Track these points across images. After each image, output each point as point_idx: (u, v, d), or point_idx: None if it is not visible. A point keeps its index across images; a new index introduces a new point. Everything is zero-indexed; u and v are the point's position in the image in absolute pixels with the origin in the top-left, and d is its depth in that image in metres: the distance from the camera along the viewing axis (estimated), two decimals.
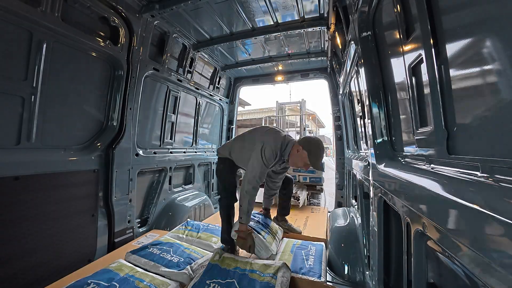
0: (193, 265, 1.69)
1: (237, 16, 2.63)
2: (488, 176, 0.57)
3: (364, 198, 1.96)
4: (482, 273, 0.49)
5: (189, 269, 1.64)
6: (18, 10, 1.50)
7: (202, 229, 2.33)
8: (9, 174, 1.55)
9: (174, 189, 3.18)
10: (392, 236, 1.32)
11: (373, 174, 1.45)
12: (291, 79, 4.39)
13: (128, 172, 2.37)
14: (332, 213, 2.78)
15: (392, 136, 1.40)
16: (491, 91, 0.59)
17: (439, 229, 0.66)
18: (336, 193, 3.86)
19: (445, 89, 0.78)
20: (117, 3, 2.11)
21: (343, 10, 1.98)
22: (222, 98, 4.32)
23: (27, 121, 1.66)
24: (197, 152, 3.74)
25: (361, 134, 2.37)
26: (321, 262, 1.82)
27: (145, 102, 2.64)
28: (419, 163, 1.02)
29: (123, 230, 2.33)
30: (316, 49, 3.47)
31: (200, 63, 3.54)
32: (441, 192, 0.66)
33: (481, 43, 0.60)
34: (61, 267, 1.78)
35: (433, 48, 0.80)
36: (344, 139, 3.72)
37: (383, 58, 1.44)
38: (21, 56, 1.60)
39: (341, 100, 3.50)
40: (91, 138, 2.14)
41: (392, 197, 1.09)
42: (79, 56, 1.96)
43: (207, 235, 2.22)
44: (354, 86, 2.25)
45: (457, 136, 0.75)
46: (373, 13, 1.44)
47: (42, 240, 1.73)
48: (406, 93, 1.10)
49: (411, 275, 0.91)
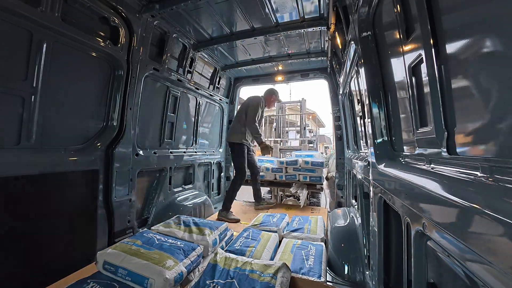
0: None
1: (237, 16, 2.63)
2: (488, 176, 0.57)
3: (364, 198, 1.96)
4: (482, 273, 0.49)
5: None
6: (18, 10, 1.50)
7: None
8: (9, 174, 1.55)
9: (174, 189, 3.18)
10: (392, 236, 1.32)
11: (373, 174, 1.45)
12: (291, 79, 4.39)
13: (128, 172, 2.37)
14: (332, 213, 2.78)
15: (392, 136, 1.40)
16: (491, 91, 0.59)
17: (439, 229, 0.66)
18: (336, 193, 3.86)
19: (445, 89, 0.78)
20: (117, 3, 2.11)
21: (343, 10, 1.98)
22: (222, 98, 4.32)
23: (27, 121, 1.66)
24: (197, 152, 3.74)
25: (361, 134, 2.37)
26: (321, 262, 1.82)
27: (145, 102, 2.64)
28: (419, 163, 1.02)
29: (123, 230, 2.33)
30: (316, 49, 3.47)
31: (200, 63, 3.54)
32: (441, 192, 0.66)
33: (481, 43, 0.60)
34: (61, 267, 1.77)
35: (433, 48, 0.80)
36: (344, 139, 3.72)
37: (383, 58, 1.44)
38: (21, 56, 1.60)
39: (341, 100, 3.50)
40: (91, 138, 2.14)
41: (392, 197, 1.09)
42: (79, 56, 1.96)
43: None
44: (354, 86, 2.25)
45: (457, 136, 0.75)
46: (373, 13, 1.44)
47: (42, 240, 1.73)
48: (406, 93, 1.10)
49: (411, 275, 0.91)
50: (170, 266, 1.48)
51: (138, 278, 1.42)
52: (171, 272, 1.44)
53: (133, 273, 1.44)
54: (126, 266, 1.47)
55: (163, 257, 1.55)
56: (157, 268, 1.43)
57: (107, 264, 1.54)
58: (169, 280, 1.39)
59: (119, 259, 1.52)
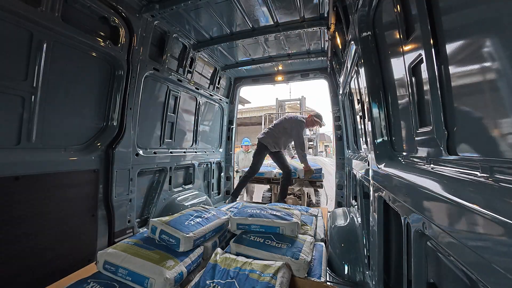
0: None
1: (237, 16, 2.63)
2: (488, 176, 0.57)
3: (364, 198, 1.96)
4: (482, 273, 0.49)
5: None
6: (18, 10, 1.50)
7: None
8: (9, 174, 1.55)
9: (174, 189, 3.18)
10: (392, 236, 1.32)
11: (373, 174, 1.45)
12: (291, 79, 4.39)
13: (128, 172, 2.37)
14: (332, 213, 2.78)
15: (392, 136, 1.40)
16: (491, 91, 0.59)
17: (439, 229, 0.66)
18: (336, 193, 3.87)
19: (445, 89, 0.78)
20: (117, 3, 2.11)
21: (343, 10, 1.98)
22: (222, 98, 4.32)
23: (27, 121, 1.66)
24: (197, 152, 3.74)
25: (361, 134, 2.37)
26: (321, 262, 1.82)
27: (145, 102, 2.64)
28: (419, 163, 1.02)
29: (123, 230, 2.33)
30: (316, 49, 3.47)
31: (200, 63, 3.54)
32: (441, 192, 0.66)
33: (481, 43, 0.60)
34: (61, 267, 1.78)
35: (433, 48, 0.80)
36: (344, 139, 3.72)
37: (383, 58, 1.44)
38: (21, 56, 1.60)
39: (341, 100, 3.50)
40: (91, 138, 2.14)
41: (392, 197, 1.09)
42: (79, 56, 1.96)
43: None
44: (354, 86, 2.25)
45: (457, 136, 0.75)
46: (373, 13, 1.44)
47: (42, 240, 1.73)
48: (406, 93, 1.10)
49: (411, 275, 0.91)
50: (171, 266, 1.48)
51: (138, 278, 1.42)
52: (171, 272, 1.44)
53: (133, 273, 1.44)
54: (127, 266, 1.47)
55: (164, 257, 1.55)
56: (158, 268, 1.43)
57: (107, 264, 1.54)
58: (169, 280, 1.39)
59: (119, 259, 1.52)
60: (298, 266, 1.62)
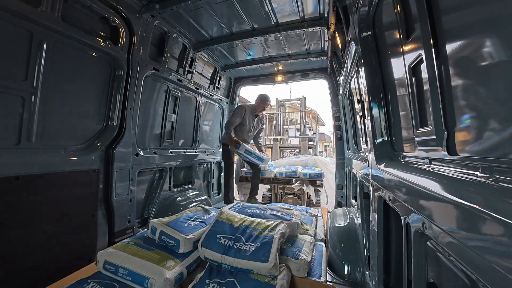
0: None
1: (237, 16, 2.63)
2: (488, 176, 0.57)
3: (364, 198, 1.96)
4: (482, 273, 0.49)
5: None
6: (18, 10, 1.49)
7: None
8: (9, 174, 1.55)
9: (174, 189, 3.18)
10: (392, 236, 1.32)
11: (373, 174, 1.45)
12: (291, 79, 4.39)
13: (128, 172, 2.37)
14: (332, 213, 2.78)
15: (392, 136, 1.40)
16: (491, 91, 0.59)
17: (439, 229, 0.66)
18: (336, 193, 3.87)
19: (445, 89, 0.78)
20: (117, 3, 2.11)
21: (343, 10, 1.98)
22: (222, 98, 4.32)
23: (27, 121, 1.66)
24: (197, 152, 3.74)
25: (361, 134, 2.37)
26: (321, 262, 1.82)
27: (145, 102, 2.64)
28: (419, 163, 1.02)
29: (123, 230, 2.33)
30: (316, 49, 3.47)
31: (200, 63, 3.54)
32: (441, 192, 0.66)
33: (481, 43, 0.60)
34: (61, 267, 1.77)
35: (433, 48, 0.80)
36: (344, 139, 3.72)
37: (383, 58, 1.44)
38: (21, 56, 1.60)
39: (341, 100, 3.50)
40: (91, 138, 2.14)
41: (392, 197, 1.09)
42: (79, 56, 1.96)
43: None
44: (354, 86, 2.25)
45: (457, 136, 0.75)
46: (373, 13, 1.44)
47: (42, 240, 1.73)
48: (406, 93, 1.10)
49: (411, 275, 0.91)
50: (171, 266, 1.48)
51: (139, 278, 1.42)
52: (171, 272, 1.44)
53: (133, 273, 1.44)
54: (127, 266, 1.47)
55: (164, 257, 1.55)
56: (158, 268, 1.43)
57: (107, 264, 1.53)
58: (169, 280, 1.39)
59: (119, 259, 1.52)
60: (298, 266, 1.61)
